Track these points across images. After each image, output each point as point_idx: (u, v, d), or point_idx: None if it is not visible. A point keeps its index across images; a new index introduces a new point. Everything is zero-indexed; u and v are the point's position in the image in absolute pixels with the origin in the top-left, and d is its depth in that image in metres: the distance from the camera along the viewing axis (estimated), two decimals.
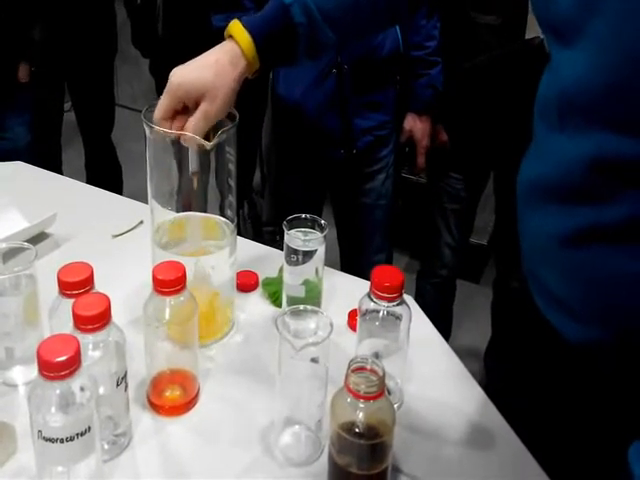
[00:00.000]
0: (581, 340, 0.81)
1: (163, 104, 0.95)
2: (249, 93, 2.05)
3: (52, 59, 2.62)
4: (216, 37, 1.96)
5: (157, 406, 0.93)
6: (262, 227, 2.87)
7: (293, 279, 1.05)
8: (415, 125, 2.01)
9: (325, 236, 1.03)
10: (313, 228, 1.04)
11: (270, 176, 2.09)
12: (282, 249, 1.05)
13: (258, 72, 0.99)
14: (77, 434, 0.72)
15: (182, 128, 0.94)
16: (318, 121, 1.83)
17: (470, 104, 1.90)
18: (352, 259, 2.07)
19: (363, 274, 1.23)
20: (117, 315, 0.82)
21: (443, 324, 2.30)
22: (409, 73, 1.93)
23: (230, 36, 0.98)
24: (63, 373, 0.70)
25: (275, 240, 2.52)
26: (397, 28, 1.81)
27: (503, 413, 0.95)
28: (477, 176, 2.12)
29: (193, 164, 0.97)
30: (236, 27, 0.97)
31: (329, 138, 1.86)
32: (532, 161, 0.86)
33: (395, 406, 0.92)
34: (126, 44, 2.91)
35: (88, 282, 0.86)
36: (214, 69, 0.95)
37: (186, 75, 0.95)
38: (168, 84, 0.95)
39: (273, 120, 1.94)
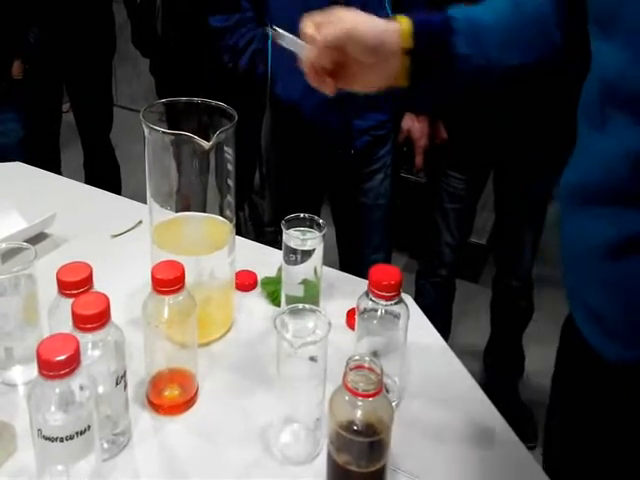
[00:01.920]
0: (620, 360, 0.77)
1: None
2: (248, 93, 2.05)
3: (47, 58, 2.62)
4: (215, 36, 1.96)
5: (156, 405, 0.93)
6: (264, 228, 2.87)
7: (292, 278, 1.05)
8: (413, 125, 2.01)
9: (324, 235, 1.03)
10: (312, 227, 1.04)
11: (269, 176, 2.09)
12: (281, 249, 1.05)
13: (408, 77, 0.93)
14: (77, 433, 0.72)
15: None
16: (317, 121, 1.83)
17: (470, 101, 1.90)
18: (351, 258, 2.07)
19: (362, 273, 1.23)
20: (116, 314, 0.82)
21: (443, 323, 2.30)
22: None
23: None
24: (62, 372, 0.70)
25: (277, 240, 2.51)
26: None
27: (502, 412, 0.95)
28: (477, 174, 2.12)
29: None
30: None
31: (328, 138, 1.86)
32: (574, 164, 0.81)
33: (393, 404, 0.92)
34: (125, 44, 2.91)
35: (87, 282, 0.86)
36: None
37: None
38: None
39: (272, 120, 1.94)
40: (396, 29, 0.90)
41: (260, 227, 2.84)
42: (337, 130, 1.84)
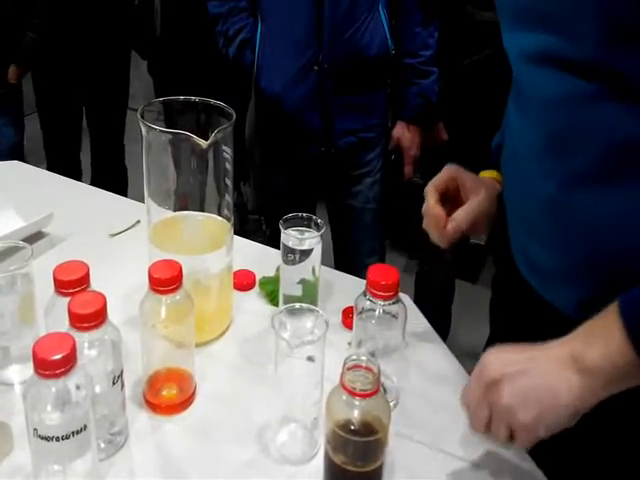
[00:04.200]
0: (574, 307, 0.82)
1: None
2: (233, 82, 2.06)
3: (45, 61, 2.62)
4: (212, 30, 1.97)
5: (153, 405, 0.93)
6: (247, 215, 2.87)
7: (290, 278, 1.05)
8: (403, 134, 1.99)
9: (321, 235, 1.03)
10: (309, 227, 1.04)
11: (253, 165, 2.08)
12: (267, 240, 1.05)
13: None
14: (73, 432, 0.72)
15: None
16: (298, 117, 1.83)
17: (470, 101, 1.90)
18: (345, 261, 2.07)
19: (356, 276, 1.23)
20: (114, 314, 0.82)
21: (442, 324, 2.30)
22: (401, 80, 1.91)
23: None
24: (58, 371, 0.70)
25: (260, 228, 2.51)
26: (386, 31, 1.80)
27: None
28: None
29: None
30: None
31: (309, 134, 1.86)
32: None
33: (391, 404, 0.92)
34: None
35: (84, 280, 0.86)
36: None
37: None
38: None
39: (256, 111, 1.94)
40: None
41: (244, 214, 2.84)
42: (318, 128, 1.84)
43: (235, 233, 1.06)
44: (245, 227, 2.80)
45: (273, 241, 1.34)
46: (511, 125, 0.90)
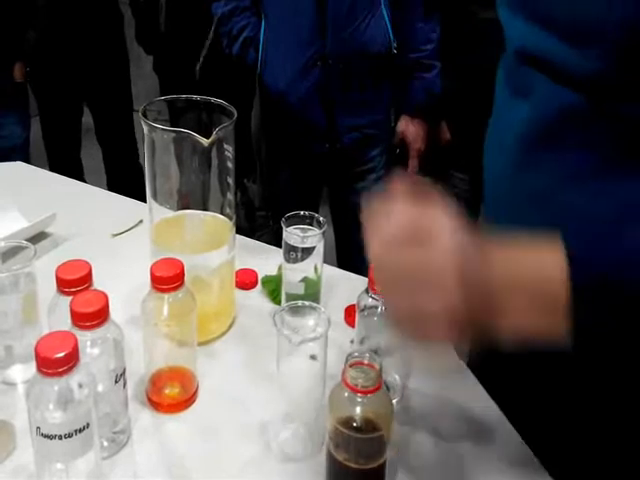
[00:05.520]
0: None
1: None
2: (238, 77, 2.08)
3: (47, 59, 2.64)
4: (216, 23, 1.99)
5: (156, 403, 0.93)
6: (255, 212, 2.87)
7: (292, 276, 1.05)
8: (407, 128, 2.00)
9: (324, 233, 1.03)
10: (312, 225, 1.04)
11: (260, 161, 2.09)
12: (274, 235, 1.05)
13: None
14: (75, 430, 0.72)
15: None
16: (302, 112, 1.84)
17: (473, 100, 1.90)
18: (348, 258, 2.07)
19: (359, 273, 1.22)
20: (116, 313, 0.82)
21: None
22: (405, 75, 1.92)
23: None
24: (61, 370, 0.70)
25: (268, 225, 2.51)
26: (389, 27, 1.81)
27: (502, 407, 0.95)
28: (481, 174, 2.11)
29: None
30: None
31: (313, 130, 1.87)
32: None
33: (394, 401, 0.92)
34: (129, 44, 2.92)
35: (86, 279, 0.86)
36: None
37: None
38: None
39: (261, 107, 1.95)
40: None
41: (251, 211, 2.84)
42: (321, 123, 1.84)
43: (242, 230, 1.07)
44: (253, 224, 2.80)
45: (280, 237, 1.34)
46: (499, 110, 0.89)
